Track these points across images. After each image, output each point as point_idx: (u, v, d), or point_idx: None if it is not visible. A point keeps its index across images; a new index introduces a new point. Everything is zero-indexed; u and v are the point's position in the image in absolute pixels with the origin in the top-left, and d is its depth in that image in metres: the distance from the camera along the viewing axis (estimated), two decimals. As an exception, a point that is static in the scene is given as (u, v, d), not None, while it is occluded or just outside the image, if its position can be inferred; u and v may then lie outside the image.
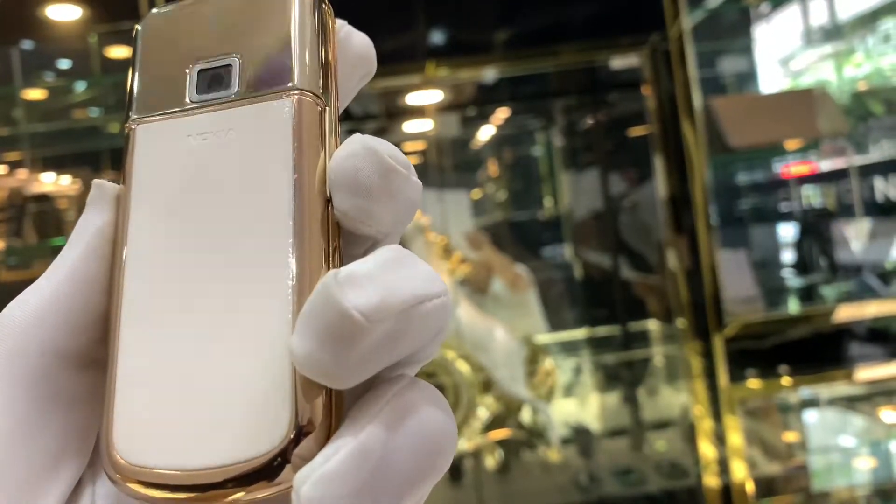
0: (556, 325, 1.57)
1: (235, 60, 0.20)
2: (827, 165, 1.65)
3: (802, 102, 1.47)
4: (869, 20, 1.56)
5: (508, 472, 1.47)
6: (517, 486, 1.46)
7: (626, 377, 1.59)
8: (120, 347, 0.18)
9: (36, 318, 0.18)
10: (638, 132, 1.55)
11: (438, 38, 1.49)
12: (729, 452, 1.37)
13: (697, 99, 1.37)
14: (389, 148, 0.18)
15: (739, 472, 1.36)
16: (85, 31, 1.39)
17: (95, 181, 0.20)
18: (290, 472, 0.16)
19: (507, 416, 1.47)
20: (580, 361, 1.61)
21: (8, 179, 1.43)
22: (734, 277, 1.42)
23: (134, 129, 0.20)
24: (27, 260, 1.46)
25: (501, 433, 1.47)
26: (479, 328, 1.43)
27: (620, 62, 1.55)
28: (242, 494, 0.16)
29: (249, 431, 0.16)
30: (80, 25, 1.40)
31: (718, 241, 1.38)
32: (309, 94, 0.19)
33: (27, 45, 1.41)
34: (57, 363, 0.18)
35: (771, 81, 1.72)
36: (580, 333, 1.61)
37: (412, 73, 1.46)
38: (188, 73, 0.20)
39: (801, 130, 1.45)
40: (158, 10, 0.22)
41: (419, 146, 1.61)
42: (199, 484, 0.16)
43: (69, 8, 1.40)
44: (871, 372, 1.39)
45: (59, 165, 1.48)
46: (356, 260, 0.17)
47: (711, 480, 1.39)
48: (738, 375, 1.37)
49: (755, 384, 1.39)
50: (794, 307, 1.52)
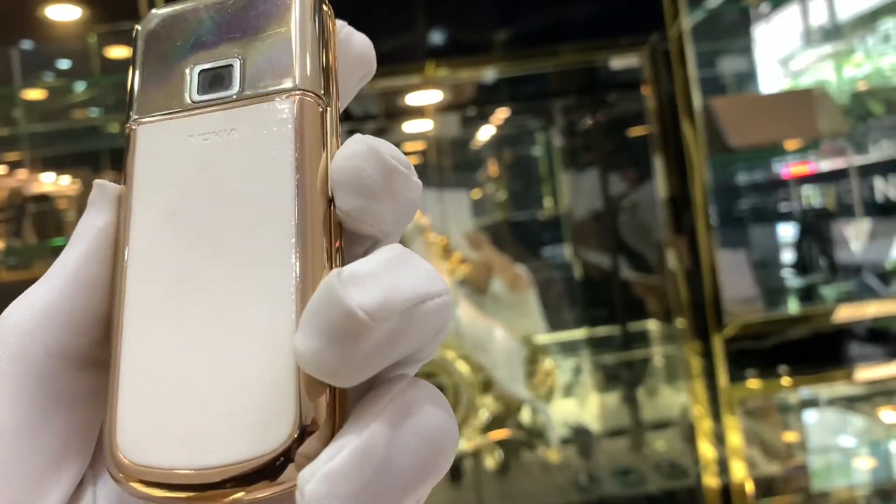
0: (555, 325, 1.57)
1: (236, 61, 0.20)
2: (827, 165, 1.65)
3: (802, 102, 1.47)
4: (869, 20, 1.56)
5: (508, 472, 1.47)
6: (517, 486, 1.46)
7: (625, 377, 1.59)
8: (123, 347, 0.18)
9: (39, 319, 0.18)
10: (638, 132, 1.55)
11: (438, 38, 1.49)
12: (728, 452, 1.37)
13: (697, 99, 1.37)
14: (391, 148, 0.18)
15: (739, 472, 1.36)
16: (84, 31, 1.39)
17: (97, 181, 0.20)
18: (293, 470, 0.16)
19: (506, 416, 1.47)
20: (580, 361, 1.61)
21: (8, 179, 1.43)
22: (734, 277, 1.42)
23: (135, 129, 0.20)
24: (27, 260, 1.46)
25: (501, 433, 1.47)
26: (478, 328, 1.43)
27: (620, 62, 1.55)
28: (244, 494, 0.16)
29: (253, 430, 0.16)
30: (79, 25, 1.40)
31: (718, 241, 1.38)
32: (310, 94, 0.19)
33: (27, 45, 1.41)
34: (60, 363, 0.18)
35: (771, 81, 1.72)
36: (580, 333, 1.61)
37: (412, 73, 1.46)
38: (189, 73, 0.20)
39: (800, 130, 1.45)
40: (158, 10, 0.22)
41: (419, 146, 1.61)
42: (202, 483, 0.16)
43: (69, 8, 1.40)
44: (870, 372, 1.39)
45: (58, 165, 1.48)
46: (357, 259, 0.17)
47: (711, 480, 1.39)
48: (737, 375, 1.37)
49: (755, 384, 1.39)
50: (793, 307, 1.52)
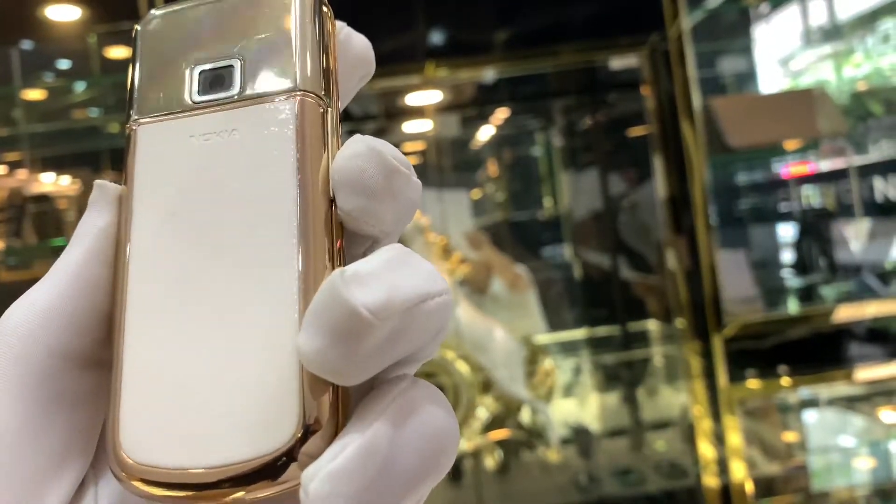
0: (555, 325, 1.57)
1: (237, 61, 0.20)
2: (826, 165, 1.65)
3: (802, 102, 1.47)
4: (868, 20, 1.56)
5: (508, 472, 1.47)
6: (517, 486, 1.46)
7: (625, 377, 1.59)
8: (125, 347, 0.18)
9: (41, 319, 0.18)
10: (637, 132, 1.55)
11: (438, 38, 1.49)
12: (728, 452, 1.37)
13: (697, 99, 1.37)
14: (391, 148, 0.19)
15: (739, 472, 1.36)
16: (84, 31, 1.39)
17: (97, 182, 0.20)
18: (296, 469, 0.16)
19: (506, 416, 1.47)
20: (580, 362, 1.61)
21: (8, 180, 1.43)
22: (733, 277, 1.42)
23: (135, 129, 0.20)
24: (27, 260, 1.46)
25: (501, 433, 1.47)
26: (478, 328, 1.43)
27: (620, 62, 1.55)
28: (248, 493, 0.16)
29: (257, 430, 0.16)
30: (79, 26, 1.40)
31: (718, 241, 1.38)
32: (311, 95, 0.19)
33: (27, 45, 1.41)
34: (62, 364, 0.18)
35: (770, 81, 1.72)
36: (580, 333, 1.61)
37: (412, 73, 1.46)
38: (189, 73, 0.20)
39: (800, 130, 1.45)
40: (158, 10, 0.22)
41: (419, 146, 1.61)
42: (205, 482, 0.16)
43: (69, 8, 1.40)
44: (870, 372, 1.39)
45: (58, 166, 1.48)
46: (356, 259, 0.17)
47: (711, 480, 1.39)
48: (737, 375, 1.37)
49: (754, 384, 1.39)
50: (793, 307, 1.52)
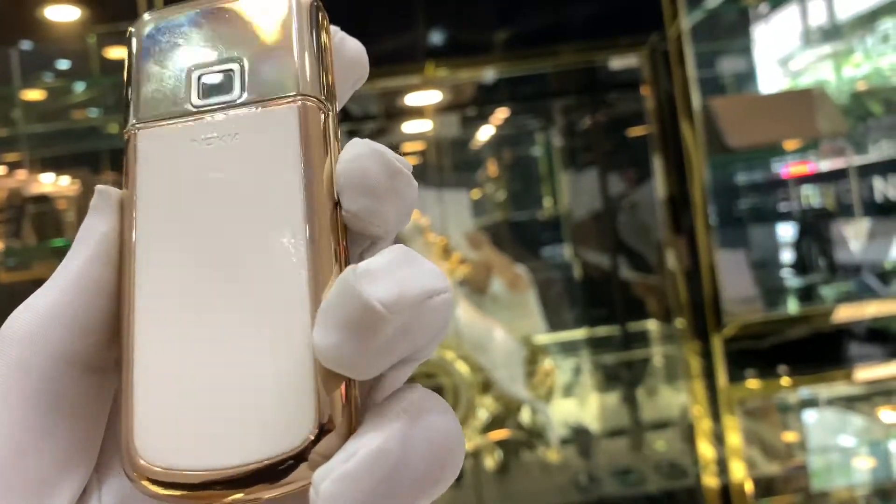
0: (555, 325, 1.57)
1: (237, 66, 0.20)
2: (826, 165, 1.65)
3: (801, 102, 1.47)
4: (868, 20, 1.57)
5: (508, 472, 1.47)
6: (517, 486, 1.46)
7: (625, 377, 1.59)
8: (136, 349, 0.18)
9: (44, 324, 0.18)
10: (637, 132, 1.55)
11: (438, 38, 1.49)
12: (728, 452, 1.37)
13: (696, 99, 1.37)
14: (390, 150, 0.19)
15: (738, 472, 1.36)
16: (84, 31, 1.39)
17: (99, 186, 0.20)
18: (307, 469, 0.16)
19: (506, 416, 1.47)
20: (579, 362, 1.61)
21: (7, 180, 1.43)
22: (733, 277, 1.42)
23: (136, 133, 0.20)
24: (26, 261, 1.46)
25: (501, 433, 1.47)
26: (478, 328, 1.43)
27: (619, 62, 1.55)
28: (261, 492, 0.16)
29: (272, 429, 0.16)
30: (78, 26, 1.40)
31: (717, 241, 1.38)
32: (312, 99, 0.20)
33: (26, 45, 1.41)
34: (65, 369, 0.18)
35: (770, 82, 1.72)
36: (579, 333, 1.61)
37: (412, 73, 1.46)
38: (189, 77, 0.20)
39: (800, 130, 1.45)
40: (151, 13, 0.22)
41: (419, 146, 1.61)
42: (223, 482, 0.16)
43: (68, 9, 1.40)
44: (870, 372, 1.39)
45: (58, 166, 1.48)
46: (356, 259, 0.17)
47: (710, 480, 1.39)
48: (737, 375, 1.37)
49: (754, 384, 1.39)
50: (793, 307, 1.52)
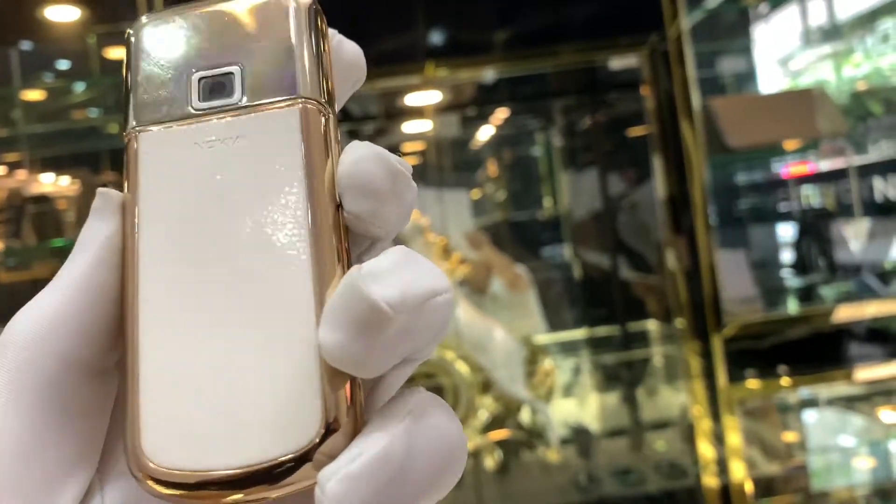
0: (555, 325, 1.57)
1: (237, 68, 0.20)
2: (826, 165, 1.65)
3: (801, 102, 1.47)
4: (868, 20, 1.57)
5: (508, 472, 1.47)
6: (516, 486, 1.47)
7: (625, 377, 1.59)
8: (141, 350, 0.18)
9: (49, 327, 0.18)
10: (637, 132, 1.55)
11: (438, 38, 1.49)
12: (728, 452, 1.37)
13: (696, 99, 1.37)
14: (390, 153, 0.19)
15: (738, 472, 1.36)
16: (84, 31, 1.39)
17: (100, 189, 0.20)
18: (312, 468, 0.16)
19: (506, 416, 1.47)
20: (579, 362, 1.61)
21: (7, 180, 1.43)
22: (733, 277, 1.42)
23: (136, 136, 0.20)
24: (26, 261, 1.46)
25: (501, 433, 1.47)
26: (478, 328, 1.43)
27: (619, 62, 1.55)
28: (268, 492, 0.16)
29: (278, 429, 0.17)
30: (78, 26, 1.40)
31: (717, 241, 1.38)
32: (313, 102, 0.20)
33: (26, 45, 1.41)
34: (69, 372, 0.18)
35: (770, 81, 1.72)
36: (579, 333, 1.61)
37: (412, 73, 1.46)
38: (189, 80, 0.20)
39: (800, 130, 1.45)
40: (149, 15, 0.22)
41: (418, 146, 1.61)
42: (231, 482, 0.16)
43: (68, 9, 1.40)
44: (870, 372, 1.39)
45: (58, 166, 1.48)
46: (356, 260, 0.17)
47: (710, 480, 1.39)
48: (737, 375, 1.37)
49: (754, 384, 1.39)
50: (793, 307, 1.52)
